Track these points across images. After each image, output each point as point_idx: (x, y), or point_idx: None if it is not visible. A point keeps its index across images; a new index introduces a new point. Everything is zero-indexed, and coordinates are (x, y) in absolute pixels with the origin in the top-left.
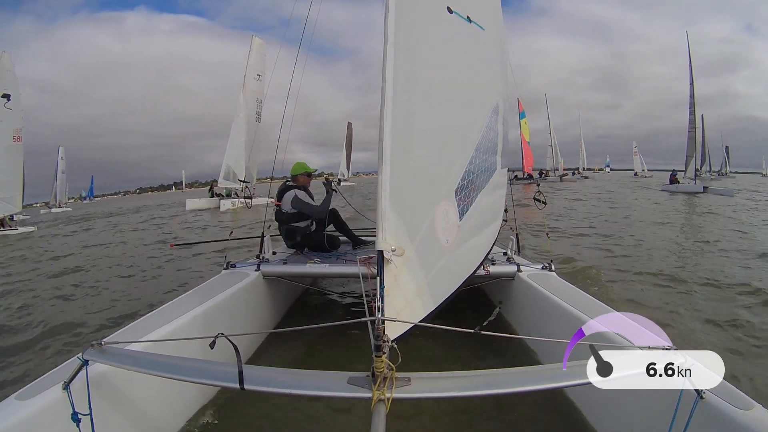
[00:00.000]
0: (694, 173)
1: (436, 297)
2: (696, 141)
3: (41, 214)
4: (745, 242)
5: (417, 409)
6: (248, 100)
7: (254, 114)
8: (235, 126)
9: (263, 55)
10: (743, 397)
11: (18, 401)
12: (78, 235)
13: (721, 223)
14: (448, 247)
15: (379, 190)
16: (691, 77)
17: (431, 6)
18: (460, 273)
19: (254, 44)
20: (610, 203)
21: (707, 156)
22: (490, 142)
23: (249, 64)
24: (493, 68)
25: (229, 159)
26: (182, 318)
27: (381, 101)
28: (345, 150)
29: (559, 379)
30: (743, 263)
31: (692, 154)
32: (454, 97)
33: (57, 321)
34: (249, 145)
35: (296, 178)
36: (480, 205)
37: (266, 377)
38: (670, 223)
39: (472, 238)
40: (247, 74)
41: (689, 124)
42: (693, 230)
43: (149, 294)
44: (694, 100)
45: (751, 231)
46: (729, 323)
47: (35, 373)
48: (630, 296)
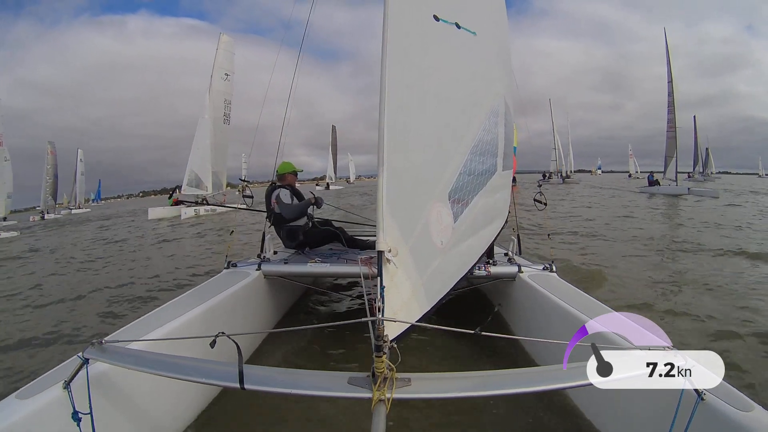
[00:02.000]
0: (675, 174)
1: (431, 298)
2: (677, 141)
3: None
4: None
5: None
6: (215, 101)
7: (222, 115)
8: (201, 128)
9: (231, 54)
10: (744, 399)
11: (18, 400)
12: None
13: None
14: (443, 248)
15: (379, 192)
16: (669, 74)
17: (418, 15)
18: (454, 274)
19: (222, 42)
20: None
21: (699, 157)
22: (488, 145)
23: (216, 62)
24: (490, 71)
25: (193, 164)
26: (183, 317)
27: (379, 109)
28: (331, 154)
29: (559, 380)
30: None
31: (672, 155)
32: (448, 101)
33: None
34: (218, 149)
35: (284, 177)
36: (477, 206)
37: (266, 377)
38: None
39: (468, 239)
40: (214, 74)
41: (668, 123)
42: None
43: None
44: (673, 98)
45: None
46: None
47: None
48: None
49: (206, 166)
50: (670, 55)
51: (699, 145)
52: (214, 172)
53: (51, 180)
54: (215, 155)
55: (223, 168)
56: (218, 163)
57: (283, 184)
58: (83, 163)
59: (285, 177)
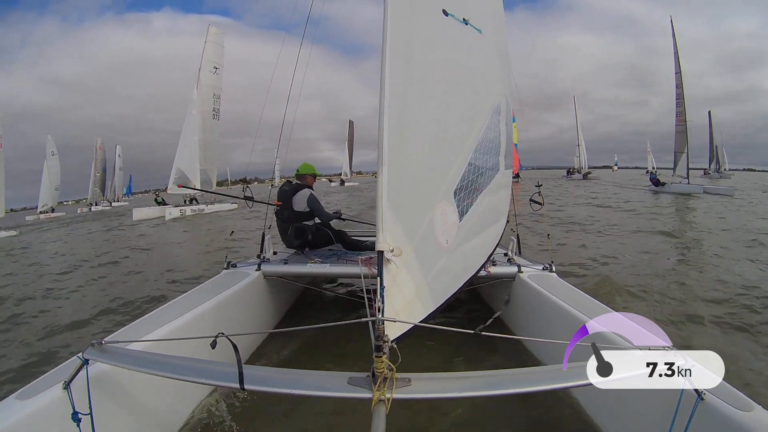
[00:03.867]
0: (687, 171)
1: (436, 298)
2: (687, 136)
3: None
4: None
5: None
6: (203, 95)
7: (211, 110)
8: (188, 123)
9: (221, 46)
10: (743, 399)
11: (18, 401)
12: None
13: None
14: (448, 247)
15: (379, 191)
16: (677, 65)
17: (427, 8)
18: (460, 274)
19: (210, 34)
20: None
21: (715, 154)
22: (492, 143)
23: (204, 55)
24: (493, 70)
25: (180, 162)
26: (183, 317)
27: (379, 104)
28: (347, 149)
29: (559, 379)
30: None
31: (682, 150)
32: (452, 98)
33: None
34: (207, 146)
35: (305, 178)
36: (482, 205)
37: (266, 377)
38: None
39: (474, 238)
40: (202, 67)
41: (677, 117)
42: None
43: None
44: (681, 90)
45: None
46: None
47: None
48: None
49: (194, 163)
50: (678, 45)
51: (714, 141)
52: (203, 170)
53: (99, 174)
54: (204, 152)
55: (213, 165)
56: (207, 160)
57: (304, 184)
58: (121, 159)
59: (306, 178)
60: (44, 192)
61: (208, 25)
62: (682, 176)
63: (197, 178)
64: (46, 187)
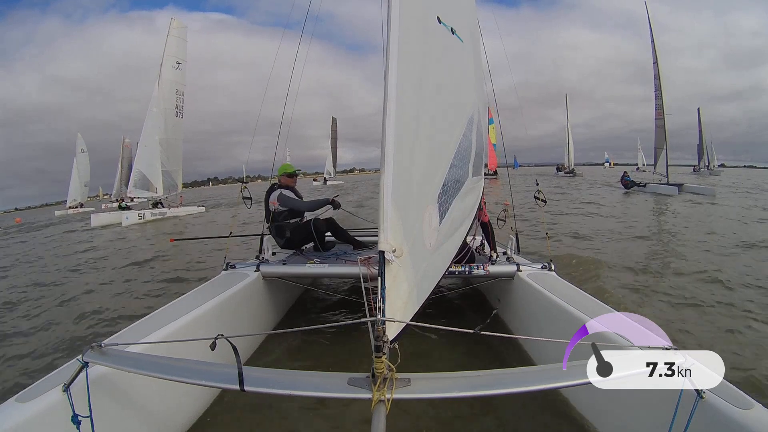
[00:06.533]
0: (666, 168)
1: (420, 298)
2: (665, 130)
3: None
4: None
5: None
6: (165, 92)
7: (173, 107)
8: (148, 122)
9: (184, 41)
10: (743, 397)
11: (18, 403)
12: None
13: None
14: (431, 249)
15: (382, 190)
16: (654, 55)
17: (425, 14)
18: (436, 275)
19: (173, 28)
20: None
21: (704, 151)
22: (465, 151)
23: (166, 50)
24: (470, 80)
25: (141, 163)
26: (182, 319)
27: (384, 106)
28: (330, 147)
29: (559, 379)
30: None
31: (661, 146)
32: (441, 103)
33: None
34: (170, 145)
35: (279, 179)
36: (455, 209)
37: (266, 378)
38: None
39: (447, 240)
40: (164, 62)
41: (656, 110)
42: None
43: None
44: (659, 82)
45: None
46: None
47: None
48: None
49: (155, 164)
50: (653, 30)
51: (704, 138)
52: (166, 171)
53: (126, 171)
54: (167, 152)
55: (177, 166)
56: (171, 161)
57: (280, 185)
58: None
59: (279, 179)
60: (73, 188)
61: (170, 19)
62: (662, 174)
63: (159, 180)
64: (76, 183)
